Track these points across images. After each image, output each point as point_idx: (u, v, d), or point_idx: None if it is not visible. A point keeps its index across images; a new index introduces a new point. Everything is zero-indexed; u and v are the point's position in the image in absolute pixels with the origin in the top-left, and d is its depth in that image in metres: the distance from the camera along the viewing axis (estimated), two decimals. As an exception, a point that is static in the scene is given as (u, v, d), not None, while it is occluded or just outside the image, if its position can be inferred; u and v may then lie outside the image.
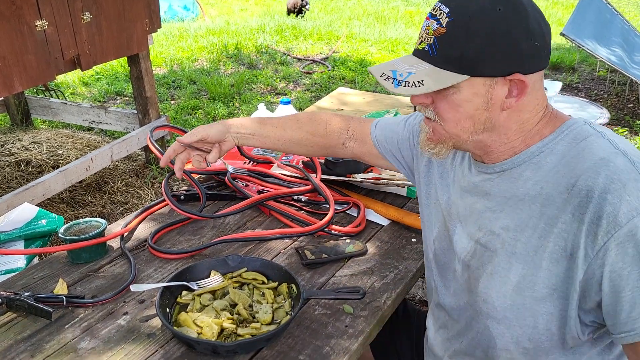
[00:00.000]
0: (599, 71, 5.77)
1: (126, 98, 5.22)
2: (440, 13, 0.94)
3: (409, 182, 1.64)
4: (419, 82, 0.96)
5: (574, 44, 4.33)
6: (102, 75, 5.72)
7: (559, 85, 2.73)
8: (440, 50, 0.95)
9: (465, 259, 1.12)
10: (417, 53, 0.99)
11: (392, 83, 0.98)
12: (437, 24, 0.94)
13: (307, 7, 7.47)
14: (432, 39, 0.95)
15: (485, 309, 1.07)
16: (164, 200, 1.62)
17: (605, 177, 0.91)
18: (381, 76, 1.00)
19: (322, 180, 1.70)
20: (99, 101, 5.15)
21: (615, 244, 0.88)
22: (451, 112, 1.00)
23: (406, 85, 0.97)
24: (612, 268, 0.89)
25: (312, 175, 1.69)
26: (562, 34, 4.32)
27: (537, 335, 1.03)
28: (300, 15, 7.65)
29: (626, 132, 4.36)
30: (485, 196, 1.08)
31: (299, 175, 1.73)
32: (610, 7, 5.67)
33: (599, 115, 3.05)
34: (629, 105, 5.05)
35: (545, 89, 3.50)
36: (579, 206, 0.92)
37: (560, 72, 6.15)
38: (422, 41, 0.98)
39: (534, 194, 0.99)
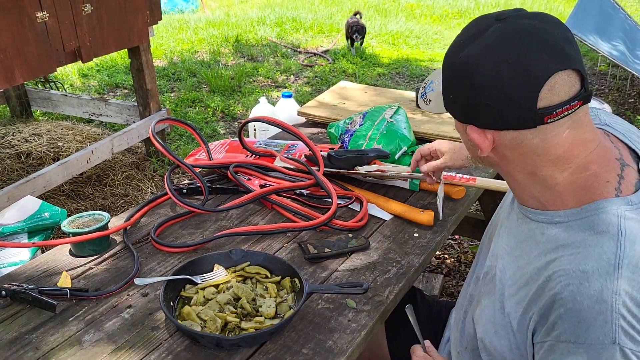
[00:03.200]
0: (600, 66, 5.77)
1: (126, 90, 5.21)
2: None
3: (415, 175, 1.64)
4: (429, 100, 1.16)
5: (575, 39, 4.31)
6: (102, 67, 5.71)
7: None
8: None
9: (478, 277, 1.16)
10: None
11: (423, 90, 1.10)
12: None
13: (357, 38, 6.15)
14: None
15: (477, 336, 1.10)
16: (166, 193, 1.62)
17: (570, 293, 0.84)
18: (424, 83, 1.18)
19: (325, 174, 1.70)
20: (99, 93, 5.14)
21: (547, 348, 0.88)
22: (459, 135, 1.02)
23: (423, 99, 1.08)
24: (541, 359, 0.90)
25: (315, 169, 1.69)
26: (563, 28, 4.31)
27: None
28: (352, 45, 6.38)
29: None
30: (507, 231, 1.06)
31: (302, 169, 1.73)
32: (612, 2, 5.65)
33: (600, 109, 3.05)
34: (629, 100, 5.05)
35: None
36: (545, 305, 0.88)
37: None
38: None
39: (532, 264, 0.94)
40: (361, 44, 6.45)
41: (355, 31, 6.13)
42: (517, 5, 8.86)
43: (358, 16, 6.54)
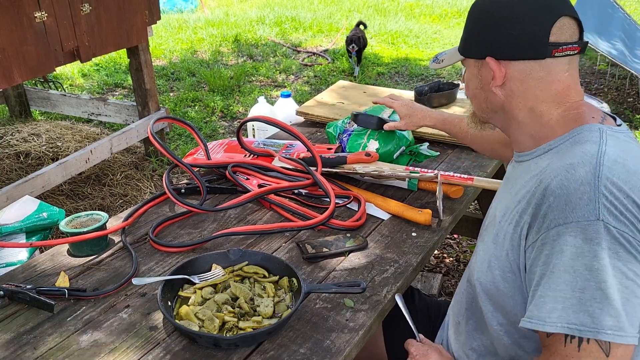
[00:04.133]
0: (599, 65, 5.76)
1: (125, 90, 5.21)
2: None
3: (413, 175, 1.64)
4: (441, 60, 1.23)
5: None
6: (101, 67, 5.71)
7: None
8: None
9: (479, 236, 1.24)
10: None
11: (433, 60, 1.26)
12: None
13: (353, 49, 5.62)
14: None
15: (473, 281, 1.15)
16: (164, 193, 1.63)
17: (558, 182, 0.94)
18: (436, 56, 1.27)
19: (323, 174, 1.70)
20: (98, 93, 5.14)
21: (539, 244, 0.95)
22: (466, 89, 1.17)
23: (436, 62, 1.24)
24: (533, 262, 0.97)
25: (313, 169, 1.69)
26: (562, 28, 4.31)
27: (511, 315, 1.08)
28: (350, 58, 5.84)
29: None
30: (506, 182, 1.19)
31: (300, 169, 1.73)
32: (611, 1, 5.65)
33: (599, 108, 3.04)
34: (628, 100, 5.05)
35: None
36: (537, 202, 0.98)
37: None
38: None
39: (525, 187, 1.04)
40: (359, 60, 5.78)
41: (352, 42, 5.67)
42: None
43: (361, 27, 6.05)
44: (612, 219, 0.89)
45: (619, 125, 1.06)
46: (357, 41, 5.67)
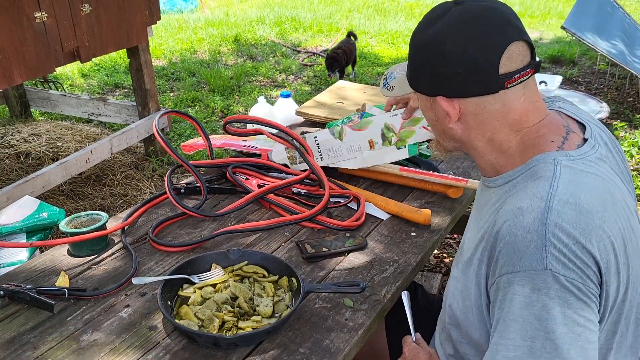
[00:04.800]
0: (599, 64, 5.76)
1: (125, 90, 5.21)
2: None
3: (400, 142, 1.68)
4: (392, 87, 1.22)
5: (574, 38, 4.32)
6: (101, 67, 5.71)
7: (559, 79, 2.73)
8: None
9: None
10: None
11: (383, 81, 1.20)
12: None
13: (332, 71, 4.96)
14: None
15: (446, 307, 1.16)
16: (164, 193, 1.63)
17: (507, 227, 0.93)
18: (384, 76, 1.21)
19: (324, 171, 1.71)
20: (98, 93, 5.14)
21: (495, 289, 0.95)
22: (425, 117, 1.12)
23: (386, 87, 1.21)
24: (492, 305, 0.97)
25: (308, 157, 1.69)
26: (562, 27, 4.32)
27: (477, 345, 1.08)
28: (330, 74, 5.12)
29: (625, 126, 4.36)
30: (475, 205, 1.19)
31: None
32: (611, 1, 5.65)
33: (599, 109, 3.06)
34: (628, 99, 5.05)
35: (544, 82, 3.49)
36: (491, 245, 0.97)
37: (560, 65, 6.15)
38: None
39: (487, 222, 1.03)
40: (341, 75, 5.11)
41: (331, 64, 4.90)
42: (517, 6, 8.86)
43: (352, 38, 5.44)
44: (561, 267, 0.86)
45: (585, 140, 1.02)
46: (338, 60, 4.99)
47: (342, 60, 4.97)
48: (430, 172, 1.69)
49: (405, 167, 1.71)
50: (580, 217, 0.89)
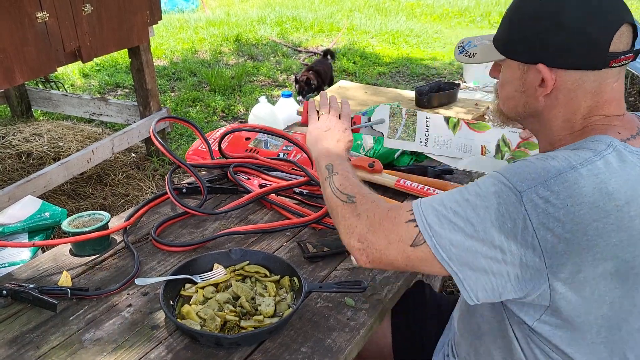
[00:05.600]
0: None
1: (127, 90, 5.22)
2: None
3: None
4: (473, 54, 1.12)
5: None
6: (103, 67, 5.72)
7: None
8: (498, 29, 1.09)
9: None
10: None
11: (459, 50, 1.13)
12: (507, 9, 1.08)
13: (307, 97, 4.21)
14: (501, 21, 1.09)
15: None
16: (165, 193, 1.63)
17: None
18: (459, 45, 1.15)
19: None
20: (100, 93, 5.15)
21: None
22: (501, 89, 1.11)
23: (465, 55, 1.13)
24: None
25: (307, 168, 1.70)
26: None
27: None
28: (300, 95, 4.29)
29: None
30: None
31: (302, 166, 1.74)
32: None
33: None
34: (629, 99, 5.05)
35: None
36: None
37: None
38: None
39: None
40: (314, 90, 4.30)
41: (302, 89, 4.21)
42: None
43: (328, 57, 4.80)
44: (531, 207, 0.88)
45: None
46: (309, 84, 4.27)
47: (313, 84, 4.31)
48: (425, 188, 1.66)
49: (401, 183, 1.69)
50: (595, 193, 0.88)
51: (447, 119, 1.71)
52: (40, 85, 4.50)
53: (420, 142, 1.68)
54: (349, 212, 1.08)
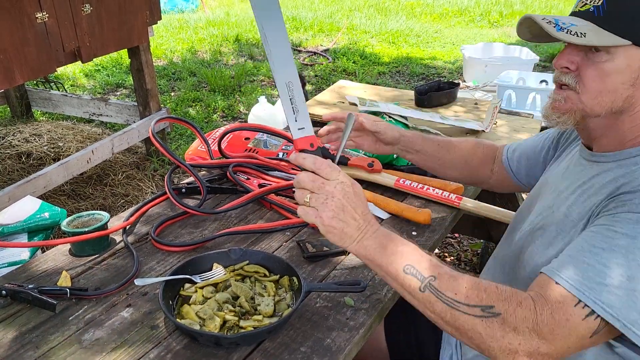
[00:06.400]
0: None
1: (127, 90, 5.22)
2: None
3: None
4: (581, 33, 0.94)
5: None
6: (102, 67, 5.72)
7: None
8: (608, 11, 0.95)
9: (526, 230, 1.17)
10: (578, 14, 0.98)
11: (555, 27, 0.95)
12: None
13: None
14: (601, 1, 0.95)
15: (524, 274, 1.11)
16: (165, 193, 1.63)
17: None
18: (543, 20, 0.97)
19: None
20: (99, 93, 5.15)
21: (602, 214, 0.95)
22: (597, 81, 0.98)
23: (568, 32, 0.94)
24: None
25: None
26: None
27: None
28: None
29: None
30: (571, 180, 1.11)
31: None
32: None
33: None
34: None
35: (545, 81, 3.47)
36: (612, 201, 0.96)
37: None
38: (585, 4, 0.98)
39: (602, 192, 1.00)
40: None
41: None
42: (518, 5, 8.84)
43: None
44: None
45: None
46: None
47: None
48: (425, 187, 1.67)
49: (401, 182, 1.70)
50: None
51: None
52: (40, 86, 4.50)
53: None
54: (497, 329, 0.89)
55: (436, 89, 2.37)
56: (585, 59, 0.98)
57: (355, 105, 2.13)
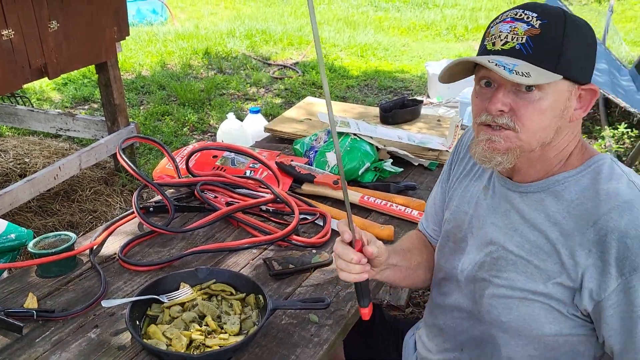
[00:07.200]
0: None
1: (96, 104, 5.18)
2: (529, 17, 0.99)
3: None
4: (526, 73, 0.96)
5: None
6: (70, 80, 5.66)
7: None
8: (535, 49, 0.98)
9: (472, 271, 1.18)
10: (507, 52, 1.00)
11: (505, 70, 0.96)
12: (528, 26, 0.99)
13: None
14: (524, 38, 0.98)
15: (489, 319, 1.14)
16: (133, 212, 1.65)
17: (627, 222, 0.96)
18: (490, 62, 0.98)
19: (292, 190, 1.75)
20: (67, 107, 5.09)
21: (622, 288, 0.96)
22: (535, 119, 1.02)
23: (517, 74, 0.96)
24: (626, 308, 0.97)
25: (274, 186, 1.73)
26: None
27: (544, 344, 1.09)
28: None
29: (585, 137, 4.51)
30: (505, 213, 1.13)
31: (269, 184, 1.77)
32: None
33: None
34: (589, 111, 5.23)
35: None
36: (598, 244, 0.98)
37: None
38: (507, 42, 1.00)
39: (554, 222, 1.05)
40: None
41: None
42: (482, 18, 9.07)
43: None
44: None
45: None
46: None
47: None
48: (388, 204, 1.72)
49: (365, 199, 1.75)
50: None
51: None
52: (5, 101, 4.43)
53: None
54: None
55: (400, 106, 2.43)
56: (517, 99, 1.01)
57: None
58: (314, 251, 1.53)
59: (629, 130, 4.21)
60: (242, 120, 2.77)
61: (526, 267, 1.07)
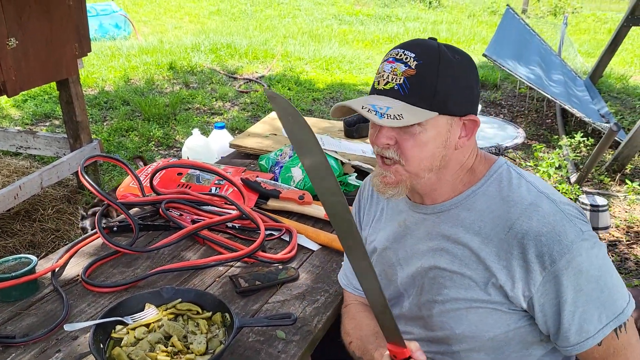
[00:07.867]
0: (519, 88, 6.11)
1: (57, 120, 5.08)
2: (407, 57, 1.06)
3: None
4: (398, 115, 1.03)
5: (496, 64, 4.59)
6: (31, 97, 5.54)
7: (479, 107, 2.89)
8: (411, 89, 1.05)
9: (415, 296, 1.22)
10: (385, 92, 1.07)
11: (376, 115, 1.03)
12: (406, 67, 1.05)
13: None
14: (402, 79, 1.05)
15: (443, 334, 1.18)
16: (96, 232, 1.63)
17: (537, 221, 1.06)
18: (363, 108, 1.05)
19: (258, 205, 1.75)
20: (27, 124, 4.98)
21: (550, 280, 1.05)
22: (416, 151, 1.09)
23: (388, 117, 1.02)
24: (554, 295, 1.06)
25: (240, 203, 1.74)
26: (484, 55, 4.57)
27: (497, 343, 1.15)
28: None
29: (544, 147, 4.64)
30: (427, 238, 1.19)
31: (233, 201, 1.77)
32: (529, 28, 6.04)
33: (516, 134, 3.27)
34: (547, 121, 5.38)
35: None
36: (518, 246, 1.06)
37: (484, 89, 6.47)
38: (388, 82, 1.07)
39: (473, 232, 1.12)
40: None
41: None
42: (444, 32, 9.27)
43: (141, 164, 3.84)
44: (584, 225, 1.06)
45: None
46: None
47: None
48: None
49: None
50: (552, 189, 1.13)
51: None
52: (-38, 118, 4.32)
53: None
54: None
55: (364, 120, 2.47)
56: (401, 133, 1.08)
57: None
58: (281, 267, 1.53)
59: (585, 139, 4.36)
60: (208, 136, 2.76)
61: (462, 280, 1.13)
